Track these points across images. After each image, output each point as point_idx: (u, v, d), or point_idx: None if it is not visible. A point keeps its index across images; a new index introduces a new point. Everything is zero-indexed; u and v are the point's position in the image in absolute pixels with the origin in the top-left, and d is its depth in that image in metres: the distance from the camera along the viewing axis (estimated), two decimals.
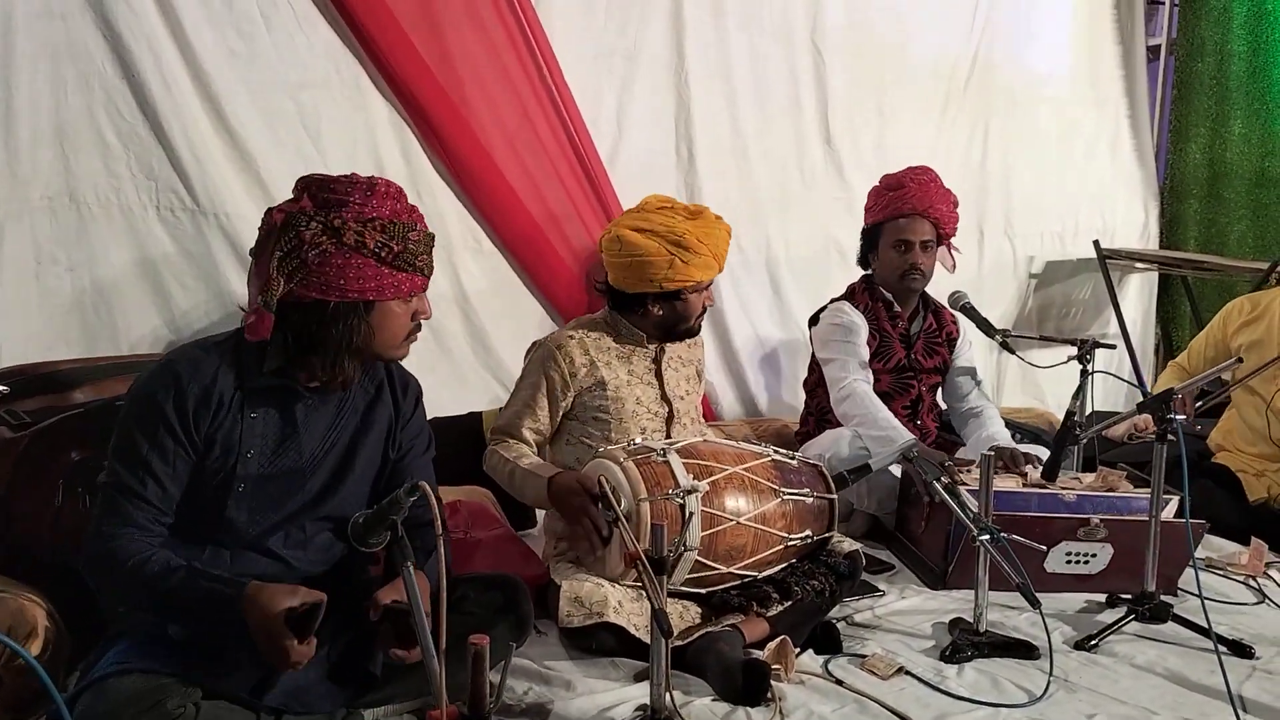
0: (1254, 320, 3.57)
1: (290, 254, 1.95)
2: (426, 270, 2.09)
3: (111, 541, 1.90)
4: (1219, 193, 5.14)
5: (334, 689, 2.07)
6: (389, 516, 1.66)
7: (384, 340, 2.07)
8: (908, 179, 3.49)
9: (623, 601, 2.47)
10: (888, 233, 3.48)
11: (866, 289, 3.58)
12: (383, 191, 2.02)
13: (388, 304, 2.04)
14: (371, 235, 1.97)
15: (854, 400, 3.33)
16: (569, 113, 3.45)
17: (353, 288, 1.98)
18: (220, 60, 2.87)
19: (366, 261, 1.98)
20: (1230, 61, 5.03)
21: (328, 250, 1.95)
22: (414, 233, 2.03)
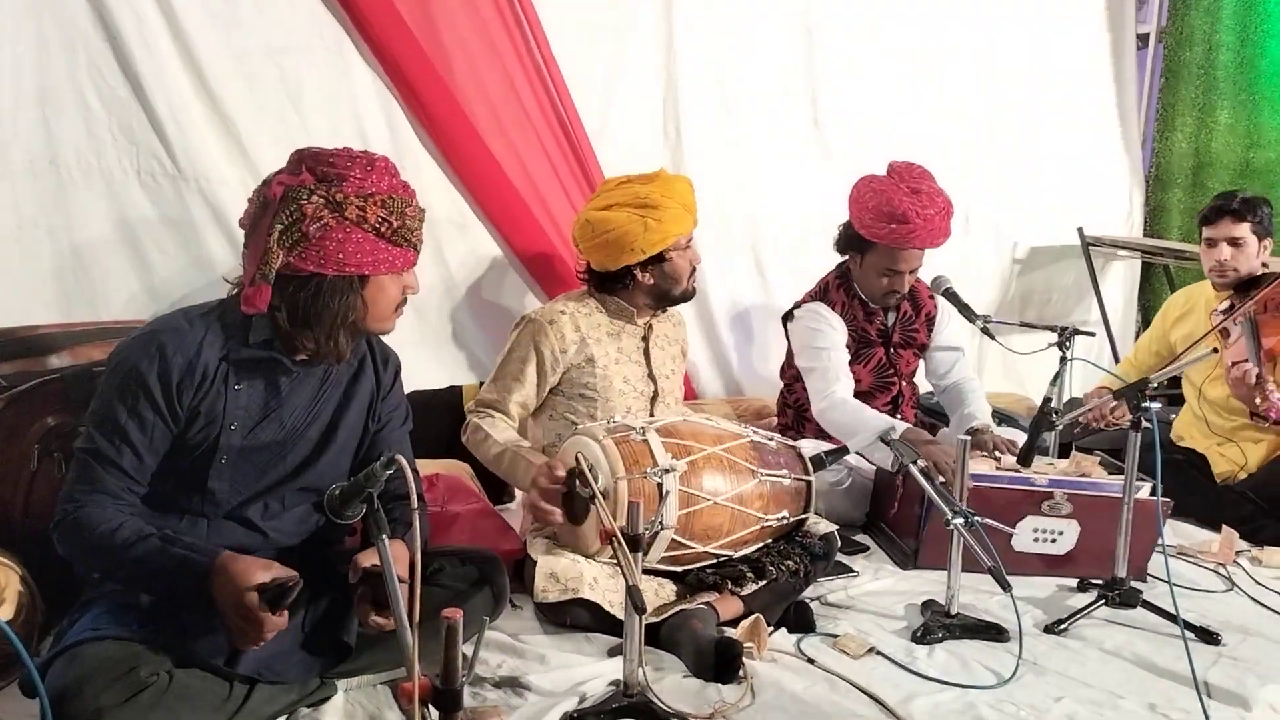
0: (1186, 314, 3.74)
1: (291, 227, 1.95)
2: (419, 245, 2.11)
3: (82, 507, 1.90)
4: (1203, 182, 5.17)
5: (308, 658, 2.08)
6: (365, 489, 1.66)
7: (376, 314, 2.08)
8: (913, 214, 3.23)
9: (598, 578, 2.49)
10: (880, 255, 3.35)
11: (841, 284, 3.50)
12: (381, 167, 2.04)
13: (381, 278, 2.05)
14: (373, 210, 1.98)
15: (839, 410, 3.29)
16: (556, 87, 3.42)
17: (351, 262, 1.99)
18: (203, 24, 2.84)
19: (366, 236, 1.99)
20: (1218, 51, 5.05)
21: (329, 224, 1.96)
22: (410, 208, 2.05)
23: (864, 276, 3.45)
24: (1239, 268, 3.47)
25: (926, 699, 2.25)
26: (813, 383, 3.40)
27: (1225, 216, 3.47)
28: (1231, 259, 3.46)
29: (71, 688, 1.76)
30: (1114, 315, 4.98)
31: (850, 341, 3.45)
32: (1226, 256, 3.46)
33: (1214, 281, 3.54)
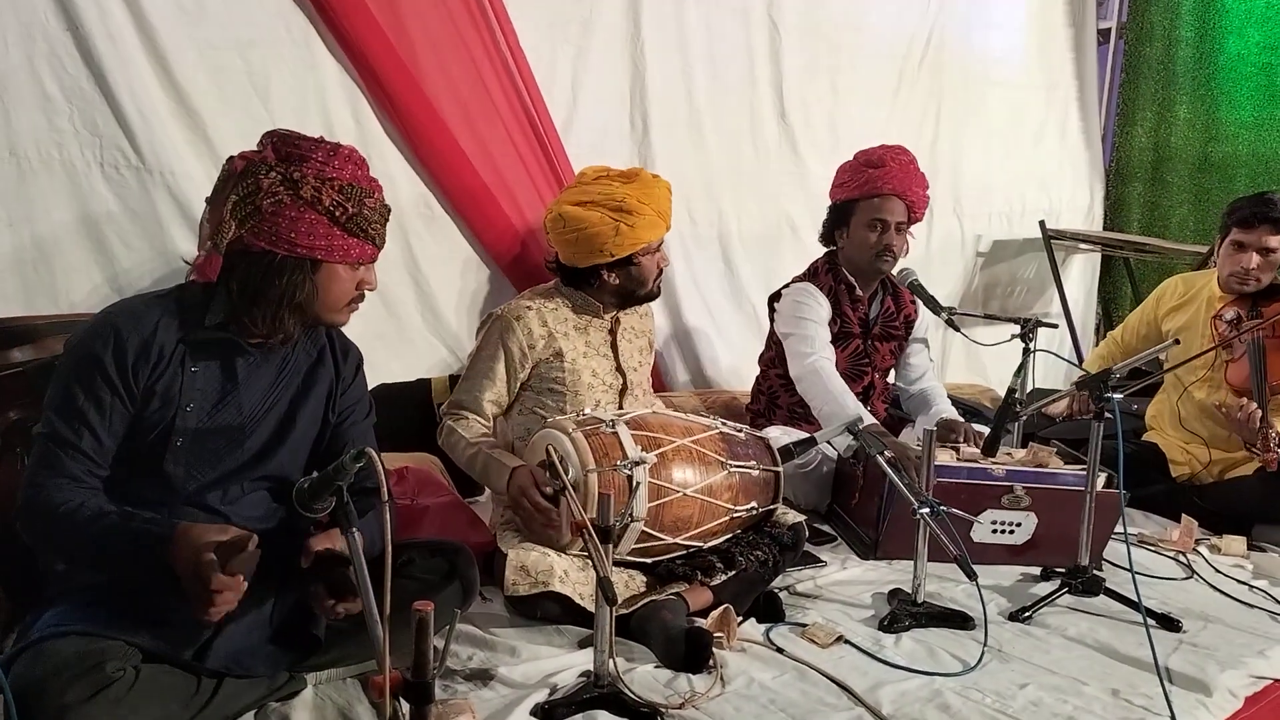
0: (1184, 304, 3.64)
1: (246, 199, 1.96)
2: (378, 241, 2.10)
3: (44, 491, 1.89)
4: (1163, 177, 5.26)
5: (277, 652, 2.07)
6: (334, 482, 1.65)
7: (325, 303, 2.08)
8: (888, 158, 3.40)
9: (569, 570, 2.49)
10: (863, 210, 3.41)
11: (830, 269, 3.54)
12: (345, 155, 2.04)
13: (334, 267, 2.05)
14: (329, 193, 1.98)
15: (816, 376, 3.31)
16: (524, 79, 3.41)
17: (302, 243, 1.99)
18: (168, 15, 2.80)
19: (319, 219, 1.99)
20: (1177, 47, 5.13)
21: (283, 200, 1.96)
22: (370, 200, 2.04)
23: (853, 246, 3.47)
24: (1262, 278, 3.37)
25: (894, 687, 2.27)
26: (792, 345, 3.42)
27: (1265, 225, 3.32)
28: (1258, 268, 3.35)
29: (36, 684, 1.74)
30: (1075, 307, 5.04)
31: (832, 323, 3.48)
32: (1254, 265, 3.35)
33: (1231, 286, 3.42)
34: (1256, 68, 4.97)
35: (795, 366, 3.39)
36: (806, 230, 4.06)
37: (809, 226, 3.72)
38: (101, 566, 1.92)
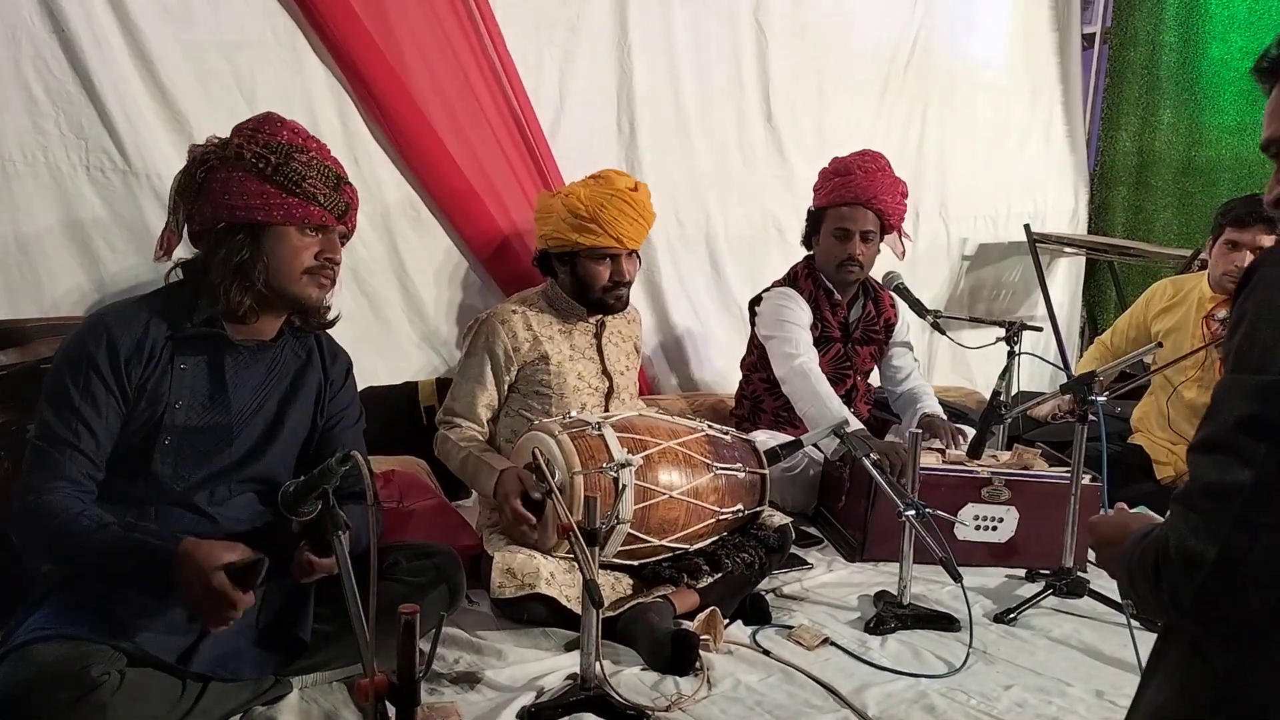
0: (1173, 306, 3.65)
1: (185, 174, 2.05)
2: (324, 201, 2.07)
3: (43, 496, 1.88)
4: (1147, 180, 5.28)
5: (262, 655, 2.07)
6: (320, 485, 1.65)
7: (279, 270, 2.06)
8: (855, 166, 3.43)
9: (555, 573, 2.50)
10: (830, 219, 3.46)
11: (809, 274, 3.56)
12: (279, 122, 2.09)
13: (281, 230, 2.05)
14: (250, 149, 2.02)
15: (803, 378, 3.33)
16: (511, 82, 3.41)
17: (239, 205, 2.01)
18: (153, 17, 2.80)
19: (247, 176, 2.01)
20: (1161, 52, 5.15)
21: (213, 165, 2.02)
22: (301, 154, 2.05)
23: (821, 253, 3.51)
24: None
25: (880, 688, 2.28)
26: (776, 348, 3.43)
27: (1260, 224, 3.33)
28: None
29: (20, 688, 1.74)
30: (1060, 310, 5.06)
31: (813, 327, 3.49)
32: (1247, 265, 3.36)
33: (1225, 285, 3.42)
34: (1239, 73, 4.99)
35: (781, 368, 3.41)
36: (793, 233, 4.06)
37: (795, 229, 3.73)
38: (98, 575, 1.92)
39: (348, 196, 2.12)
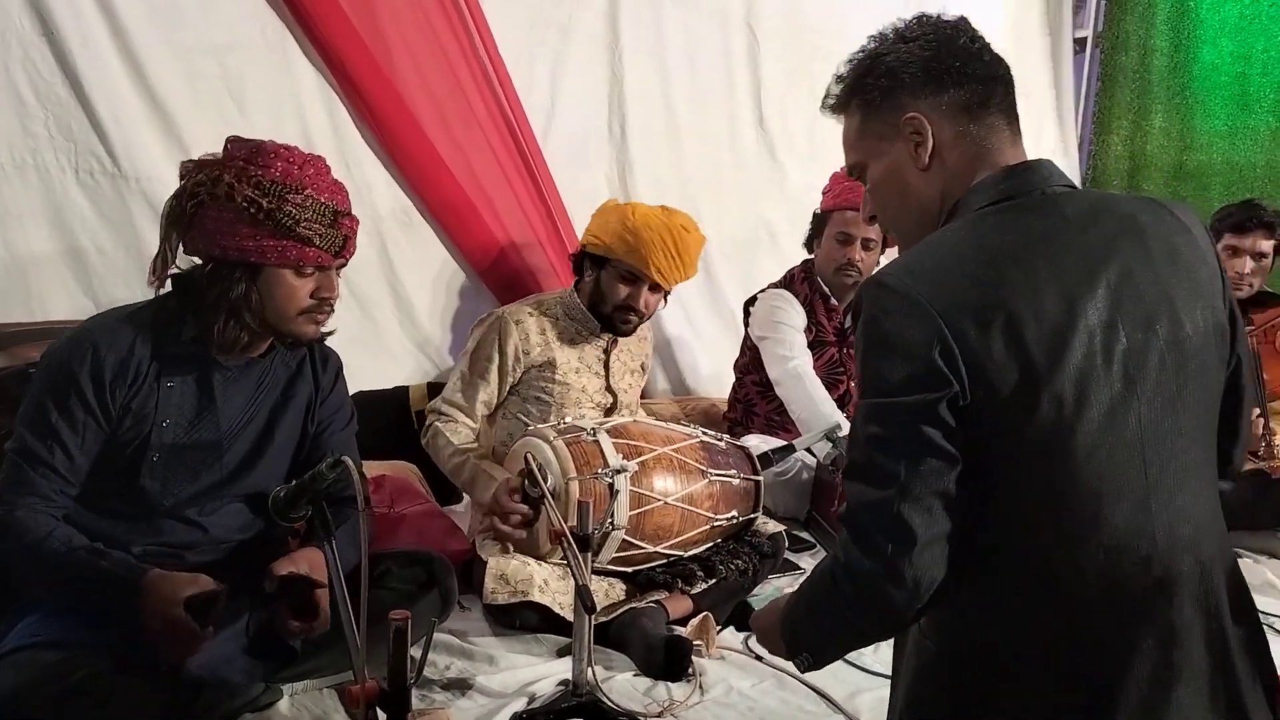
0: None
1: (175, 205, 1.96)
2: (320, 242, 1.97)
3: (13, 511, 1.87)
4: (1139, 185, 5.29)
5: (252, 662, 2.06)
6: (310, 491, 1.64)
7: (275, 311, 2.00)
8: None
9: (548, 579, 2.49)
10: (834, 222, 3.44)
11: (805, 278, 3.55)
12: (272, 152, 1.95)
13: (276, 271, 1.96)
14: (242, 189, 1.90)
15: (797, 380, 3.32)
16: (502, 85, 3.41)
17: (231, 246, 1.93)
18: (142, 20, 2.79)
19: (239, 218, 1.91)
20: (1152, 56, 5.17)
21: (203, 200, 1.92)
22: (295, 195, 1.93)
23: (822, 256, 3.50)
24: (1255, 283, 3.40)
25: (872, 694, 2.27)
26: (770, 349, 3.42)
27: (1259, 229, 3.35)
28: (1251, 273, 3.38)
29: (9, 696, 1.73)
30: None
31: (807, 331, 3.49)
32: (1248, 270, 3.37)
33: None
34: (1230, 77, 5.01)
35: (775, 369, 3.40)
36: (785, 236, 4.06)
37: (787, 232, 3.73)
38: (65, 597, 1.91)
39: (346, 229, 2.01)
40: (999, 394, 1.23)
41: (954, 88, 1.39)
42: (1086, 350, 1.24)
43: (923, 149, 1.40)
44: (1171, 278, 1.32)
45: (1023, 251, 1.28)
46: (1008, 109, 1.43)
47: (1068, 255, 1.28)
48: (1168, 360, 1.29)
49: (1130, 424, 1.26)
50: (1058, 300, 1.25)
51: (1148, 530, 1.27)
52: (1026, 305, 1.24)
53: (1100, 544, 1.26)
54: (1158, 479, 1.28)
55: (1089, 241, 1.30)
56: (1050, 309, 1.24)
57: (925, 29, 1.44)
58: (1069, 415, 1.24)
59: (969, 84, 1.40)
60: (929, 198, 1.40)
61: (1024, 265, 1.26)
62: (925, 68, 1.40)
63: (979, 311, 1.23)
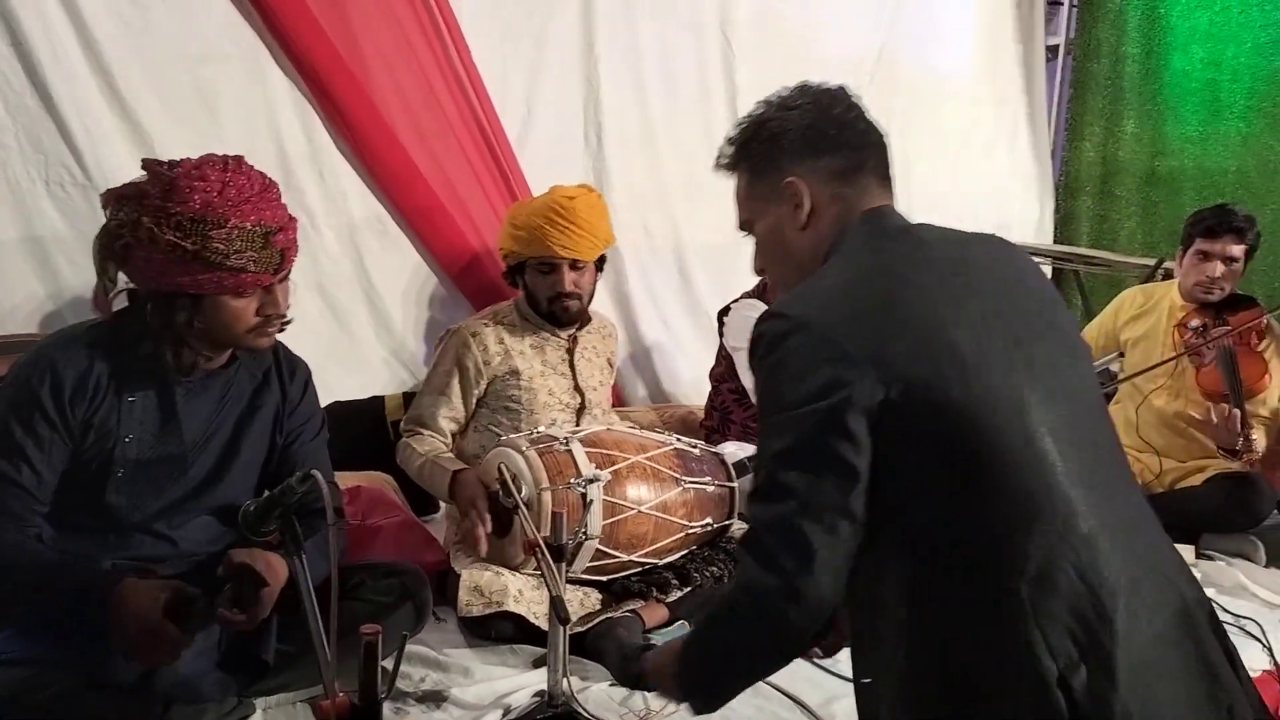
0: (1143, 314, 3.67)
1: (104, 242, 1.93)
2: (254, 267, 1.92)
3: None
4: (1111, 190, 5.34)
5: (224, 677, 2.04)
6: (281, 505, 1.64)
7: (221, 332, 1.99)
8: None
9: (523, 590, 2.48)
10: None
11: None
12: (187, 185, 1.88)
13: (217, 298, 1.94)
14: (162, 234, 1.86)
15: None
16: (477, 94, 3.40)
17: (168, 280, 1.91)
18: (113, 31, 2.77)
19: (167, 259, 1.88)
20: (1124, 63, 5.22)
21: (128, 242, 1.89)
22: (219, 229, 1.87)
23: None
24: (1226, 287, 3.42)
25: (848, 700, 2.23)
26: (743, 359, 3.41)
27: (1230, 234, 3.38)
28: (1223, 277, 3.40)
29: None
30: None
31: None
32: (1219, 274, 3.39)
33: (1196, 295, 3.46)
34: (1201, 83, 5.07)
35: (749, 378, 3.40)
36: None
37: None
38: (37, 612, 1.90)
39: (281, 244, 1.96)
40: (903, 397, 1.29)
41: (829, 154, 1.53)
42: (975, 348, 1.34)
43: (800, 210, 1.52)
44: (1020, 287, 1.50)
45: (899, 271, 1.42)
46: (881, 172, 1.59)
47: (934, 274, 1.42)
48: (1042, 354, 1.40)
49: (1034, 420, 1.33)
50: (942, 312, 1.36)
51: (1075, 527, 1.31)
52: (914, 316, 1.35)
53: (1034, 540, 1.30)
54: (1073, 470, 1.34)
55: (954, 262, 1.47)
56: (935, 320, 1.35)
57: (806, 98, 1.58)
58: (976, 410, 1.30)
59: (844, 151, 1.54)
60: (807, 253, 1.52)
61: (902, 282, 1.39)
62: (803, 135, 1.54)
63: (872, 326, 1.33)
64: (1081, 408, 1.42)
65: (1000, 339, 1.37)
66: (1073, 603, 1.29)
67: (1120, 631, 1.29)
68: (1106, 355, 3.46)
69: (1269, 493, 3.33)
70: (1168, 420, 3.50)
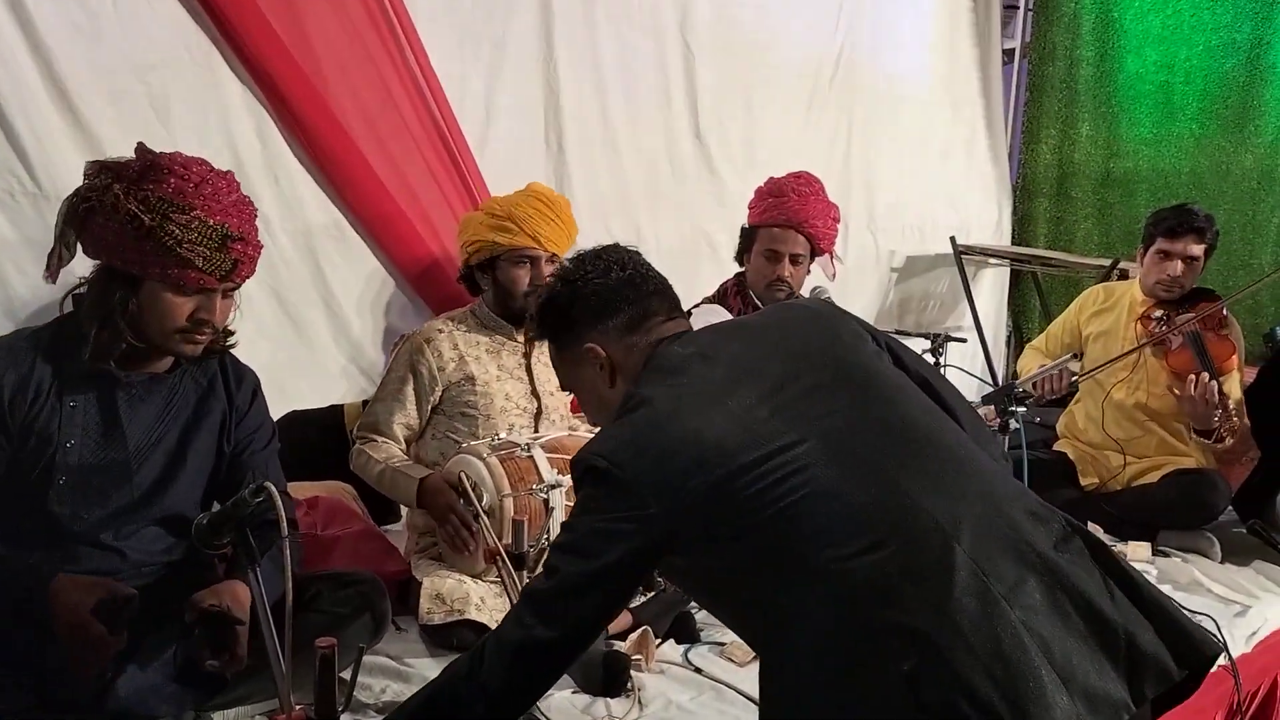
0: (1105, 310, 3.71)
1: (70, 205, 1.96)
2: (202, 264, 1.93)
3: None
4: (1067, 192, 5.41)
5: (181, 691, 2.01)
6: (234, 517, 1.61)
7: (151, 326, 1.98)
8: (789, 188, 3.40)
9: (485, 598, 2.47)
10: (761, 238, 3.43)
11: (739, 291, 3.54)
12: (168, 167, 1.93)
13: (156, 287, 1.95)
14: (126, 203, 1.89)
15: None
16: (435, 98, 3.38)
17: (114, 255, 1.94)
18: (63, 37, 2.72)
19: (122, 229, 1.90)
20: (1079, 66, 5.29)
21: (93, 205, 1.92)
22: (181, 215, 1.90)
23: (752, 272, 3.48)
24: (1186, 285, 3.47)
25: None
26: None
27: (1190, 234, 3.41)
28: (1183, 275, 3.44)
29: None
30: (986, 320, 5.15)
31: None
32: (1179, 273, 3.43)
33: (1157, 293, 3.50)
34: (1154, 86, 5.14)
35: None
36: (724, 247, 4.07)
37: (726, 243, 3.74)
38: None
39: (236, 254, 1.97)
40: (691, 514, 1.48)
41: (614, 315, 1.73)
42: (742, 433, 1.50)
43: (604, 369, 1.73)
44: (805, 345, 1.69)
45: (678, 404, 1.56)
46: (667, 308, 1.80)
47: (710, 386, 1.58)
48: (846, 394, 1.58)
49: (811, 458, 1.48)
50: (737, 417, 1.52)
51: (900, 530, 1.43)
52: (690, 436, 1.50)
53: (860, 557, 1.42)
54: (870, 478, 1.48)
55: (730, 360, 1.64)
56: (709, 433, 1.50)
57: (583, 269, 1.78)
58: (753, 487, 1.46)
59: (627, 308, 1.74)
60: (618, 397, 1.69)
61: (681, 412, 1.54)
62: (587, 305, 1.74)
63: (661, 467, 1.49)
64: (870, 418, 1.55)
65: (771, 405, 1.54)
66: (912, 602, 1.38)
67: (960, 611, 1.36)
68: (1066, 354, 3.49)
69: (1224, 490, 3.38)
70: (1129, 413, 3.54)
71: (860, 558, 1.41)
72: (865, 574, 1.40)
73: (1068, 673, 1.35)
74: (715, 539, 1.49)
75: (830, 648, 1.41)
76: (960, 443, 1.60)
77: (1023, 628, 1.36)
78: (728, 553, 1.50)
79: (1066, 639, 1.38)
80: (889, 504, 1.45)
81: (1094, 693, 1.36)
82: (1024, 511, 1.51)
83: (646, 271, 1.81)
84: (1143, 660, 1.42)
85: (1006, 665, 1.33)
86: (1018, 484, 1.61)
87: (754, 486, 1.46)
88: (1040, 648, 1.35)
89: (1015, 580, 1.40)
